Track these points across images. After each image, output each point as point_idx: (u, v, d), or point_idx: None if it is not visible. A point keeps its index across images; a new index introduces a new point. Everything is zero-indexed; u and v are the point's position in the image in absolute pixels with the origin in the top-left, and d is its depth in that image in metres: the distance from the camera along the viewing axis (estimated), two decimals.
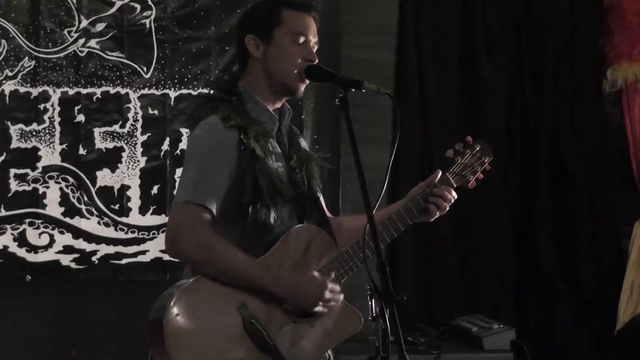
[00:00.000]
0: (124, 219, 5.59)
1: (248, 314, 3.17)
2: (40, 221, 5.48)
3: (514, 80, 6.44)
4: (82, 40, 5.57)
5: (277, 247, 3.27)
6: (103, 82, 5.60)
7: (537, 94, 6.41)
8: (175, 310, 3.10)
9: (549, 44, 6.42)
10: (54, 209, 5.51)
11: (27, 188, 5.48)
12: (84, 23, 5.58)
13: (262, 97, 3.40)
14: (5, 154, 5.46)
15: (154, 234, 5.59)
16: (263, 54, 3.38)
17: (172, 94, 5.68)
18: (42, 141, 5.50)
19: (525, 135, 6.42)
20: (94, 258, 5.54)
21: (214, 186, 3.21)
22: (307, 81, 3.39)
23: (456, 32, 6.37)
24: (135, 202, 5.61)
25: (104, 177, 5.58)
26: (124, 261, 5.59)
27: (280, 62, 3.36)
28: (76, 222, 5.53)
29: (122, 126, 5.61)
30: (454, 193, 3.51)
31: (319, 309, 3.26)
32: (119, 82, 5.61)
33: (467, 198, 6.05)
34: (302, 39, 3.37)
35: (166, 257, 5.39)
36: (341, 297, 3.32)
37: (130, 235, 5.59)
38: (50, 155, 5.51)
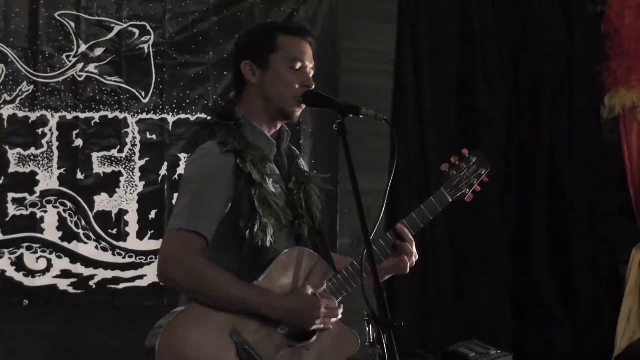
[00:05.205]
0: (121, 244, 5.58)
1: (241, 340, 3.15)
2: (38, 245, 5.47)
3: (511, 106, 6.44)
4: (80, 65, 5.58)
5: (270, 271, 3.25)
6: (101, 106, 5.60)
7: (535, 119, 6.41)
8: (167, 340, 3.09)
9: (547, 70, 6.43)
10: (51, 233, 5.50)
11: (24, 212, 5.48)
12: (83, 48, 5.59)
13: (259, 121, 3.39)
14: (3, 178, 5.45)
15: (151, 258, 5.57)
16: (259, 80, 3.38)
17: (171, 118, 5.68)
18: (40, 165, 5.50)
19: (523, 161, 6.42)
20: (91, 283, 5.53)
21: (208, 212, 3.20)
22: (304, 106, 3.39)
23: (454, 58, 6.39)
24: (133, 227, 5.60)
25: (102, 201, 5.58)
26: (122, 286, 5.57)
27: (277, 88, 3.36)
28: (74, 246, 5.52)
29: (120, 151, 5.61)
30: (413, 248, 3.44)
31: (317, 326, 3.25)
32: (117, 106, 5.61)
33: (465, 222, 6.16)
34: (298, 65, 3.36)
35: None
36: (340, 312, 3.30)
37: (127, 260, 5.58)
38: (48, 179, 5.50)
